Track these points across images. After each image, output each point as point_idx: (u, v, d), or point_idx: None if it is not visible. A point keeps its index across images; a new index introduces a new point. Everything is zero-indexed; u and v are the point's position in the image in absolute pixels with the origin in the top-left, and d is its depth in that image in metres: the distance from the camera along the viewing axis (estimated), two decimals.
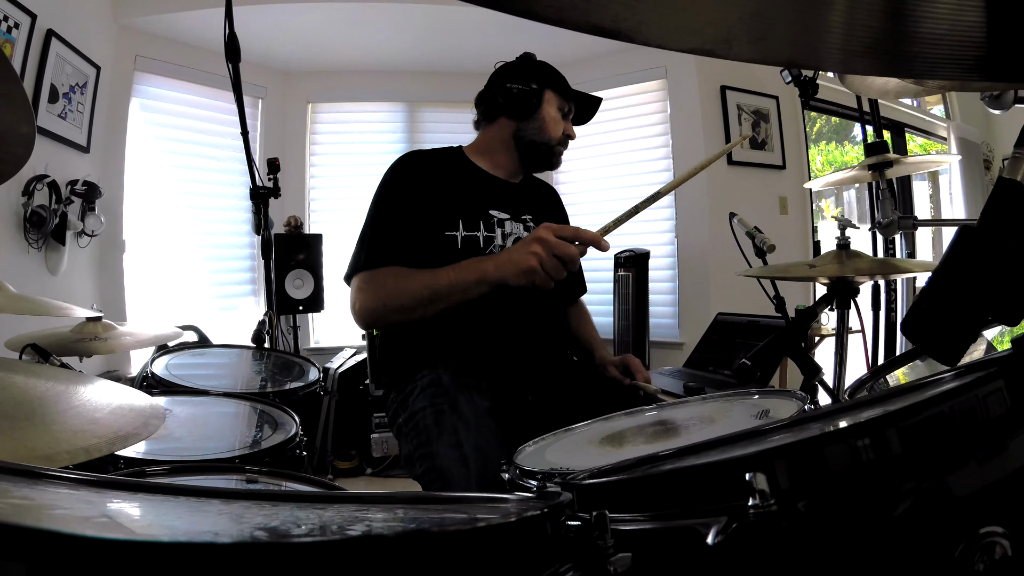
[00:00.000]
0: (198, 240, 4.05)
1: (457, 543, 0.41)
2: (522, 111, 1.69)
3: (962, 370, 0.62)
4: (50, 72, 2.86)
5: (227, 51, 2.19)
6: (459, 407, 1.39)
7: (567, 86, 1.76)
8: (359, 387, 3.65)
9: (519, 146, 1.72)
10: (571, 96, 1.76)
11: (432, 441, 1.39)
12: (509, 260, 1.37)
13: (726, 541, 0.50)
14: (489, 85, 1.76)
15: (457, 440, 1.33)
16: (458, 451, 1.31)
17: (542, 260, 1.32)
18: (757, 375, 1.45)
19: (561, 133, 1.73)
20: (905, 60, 0.59)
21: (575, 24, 0.45)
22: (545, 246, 1.33)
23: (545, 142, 1.72)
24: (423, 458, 1.41)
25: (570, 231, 1.36)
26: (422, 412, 1.45)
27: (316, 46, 4.16)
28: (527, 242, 1.37)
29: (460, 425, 1.35)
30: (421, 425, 1.44)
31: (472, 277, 1.41)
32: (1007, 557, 0.49)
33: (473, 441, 1.30)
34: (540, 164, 1.77)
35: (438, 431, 1.39)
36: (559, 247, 1.33)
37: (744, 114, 4.12)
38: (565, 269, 1.34)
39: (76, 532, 0.33)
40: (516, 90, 1.68)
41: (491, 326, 1.56)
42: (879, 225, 2.01)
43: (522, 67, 1.74)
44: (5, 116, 0.76)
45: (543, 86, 1.71)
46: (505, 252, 1.42)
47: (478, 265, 1.43)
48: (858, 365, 2.40)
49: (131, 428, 0.78)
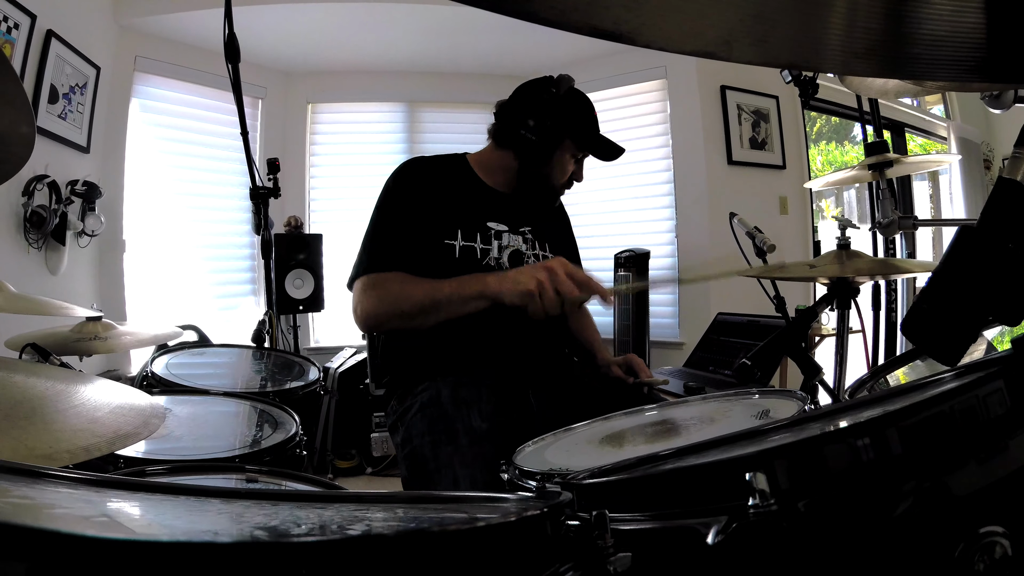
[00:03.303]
0: (198, 240, 4.05)
1: (457, 543, 0.41)
2: (531, 159, 1.63)
3: (962, 370, 0.62)
4: (50, 72, 2.86)
5: (227, 51, 2.19)
6: (457, 438, 1.39)
7: (590, 132, 1.66)
8: (359, 386, 3.65)
9: (521, 180, 1.67)
10: (586, 142, 1.66)
11: (430, 475, 1.40)
12: (512, 278, 1.38)
13: (726, 541, 0.50)
14: (512, 103, 1.67)
15: (453, 476, 1.33)
16: (454, 487, 1.31)
17: (543, 289, 1.32)
18: (757, 375, 1.45)
19: (567, 178, 1.69)
20: (905, 62, 0.59)
21: (576, 26, 0.45)
22: (551, 277, 1.33)
23: (549, 188, 1.69)
24: (420, 489, 1.43)
25: (582, 276, 1.36)
26: (420, 439, 1.46)
27: (316, 46, 4.16)
28: (536, 267, 1.37)
29: (456, 458, 1.35)
30: (419, 454, 1.45)
31: (473, 290, 1.42)
32: (1007, 557, 0.49)
33: (469, 476, 1.31)
34: (538, 202, 1.72)
35: (435, 464, 1.39)
36: (564, 284, 1.32)
37: (744, 114, 4.12)
38: (560, 308, 1.33)
39: (76, 532, 0.33)
40: (529, 138, 1.59)
41: (492, 326, 1.56)
42: (879, 225, 2.01)
43: (544, 104, 1.60)
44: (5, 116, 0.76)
45: (562, 134, 1.61)
46: (512, 271, 1.43)
47: (480, 278, 1.43)
48: (858, 365, 2.41)
49: (131, 427, 0.78)
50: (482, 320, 1.52)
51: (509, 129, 1.64)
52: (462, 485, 1.31)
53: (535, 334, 1.64)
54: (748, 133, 4.13)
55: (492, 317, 1.53)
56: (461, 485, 1.31)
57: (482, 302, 1.42)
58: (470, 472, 1.31)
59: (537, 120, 1.59)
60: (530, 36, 3.74)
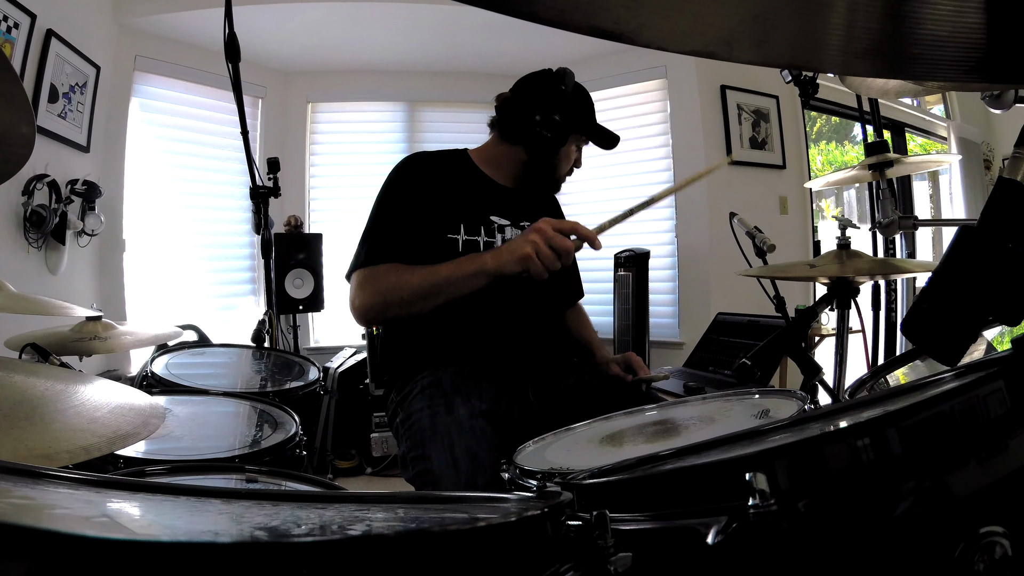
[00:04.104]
0: (198, 240, 4.05)
1: (457, 543, 0.41)
2: (542, 153, 1.69)
3: (962, 370, 0.62)
4: (50, 72, 2.86)
5: (227, 51, 2.19)
6: (455, 409, 1.41)
7: (591, 122, 1.75)
8: (359, 386, 3.65)
9: (527, 171, 1.72)
10: (592, 132, 1.76)
11: (425, 443, 1.40)
12: (506, 249, 1.42)
13: (726, 541, 0.50)
14: (515, 98, 1.71)
15: (449, 442, 1.34)
16: (449, 453, 1.33)
17: (538, 249, 1.37)
18: (757, 375, 1.45)
19: (571, 166, 1.78)
20: (906, 62, 0.59)
21: (576, 26, 0.45)
22: (543, 236, 1.38)
23: (555, 178, 1.77)
24: (416, 460, 1.43)
25: (568, 225, 1.42)
26: (419, 413, 1.47)
27: (316, 46, 4.16)
28: (526, 233, 1.42)
29: (453, 428, 1.37)
30: (416, 427, 1.45)
31: (470, 269, 1.43)
32: (1007, 557, 0.49)
33: (464, 444, 1.32)
34: (543, 190, 1.81)
35: (432, 433, 1.40)
36: (555, 238, 1.38)
37: (744, 114, 4.12)
38: (559, 261, 1.38)
39: (76, 532, 0.33)
40: (542, 134, 1.65)
41: (492, 326, 1.56)
42: (879, 225, 2.01)
43: (554, 99, 1.66)
44: (5, 116, 0.76)
45: (568, 129, 1.68)
46: (503, 244, 1.47)
47: (476, 257, 1.45)
48: (858, 365, 2.40)
49: (131, 427, 0.78)
50: (482, 319, 1.52)
51: (519, 125, 1.68)
52: (456, 451, 1.31)
53: (535, 333, 1.64)
54: (748, 133, 4.13)
55: (493, 317, 1.54)
56: (455, 451, 1.32)
57: (481, 279, 1.43)
58: (466, 442, 1.32)
59: (548, 115, 1.65)
60: (530, 36, 3.74)
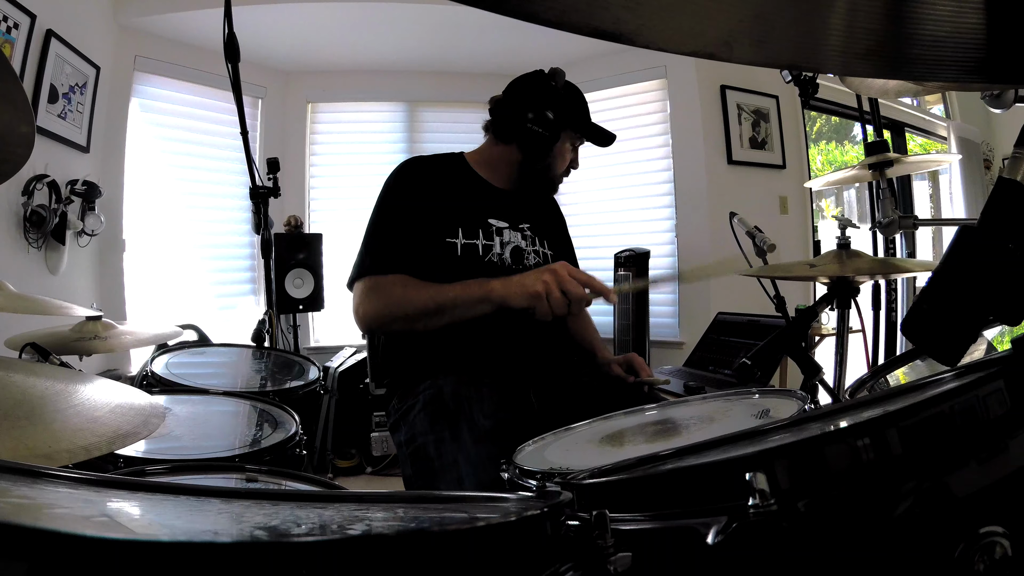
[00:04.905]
0: (198, 240, 4.05)
1: (457, 543, 0.41)
2: (535, 151, 1.68)
3: (962, 370, 0.62)
4: (50, 72, 2.86)
5: (226, 51, 2.19)
6: (460, 435, 1.39)
7: (585, 120, 1.73)
8: (359, 386, 3.64)
9: (522, 172, 1.72)
10: (587, 131, 1.75)
11: (434, 473, 1.40)
12: (517, 282, 1.41)
13: (726, 541, 0.50)
14: (507, 99, 1.71)
15: (458, 476, 1.34)
16: (458, 487, 1.32)
17: (549, 290, 1.35)
18: (757, 375, 1.45)
19: (567, 166, 1.76)
20: (906, 62, 0.59)
21: (576, 27, 0.45)
22: (557, 279, 1.36)
23: (551, 177, 1.76)
24: (426, 489, 1.43)
25: (584, 276, 1.40)
26: (423, 437, 1.46)
27: (316, 46, 4.16)
28: (540, 271, 1.40)
29: (461, 458, 1.36)
30: (422, 453, 1.45)
31: (477, 294, 1.43)
32: (1007, 557, 0.49)
33: (474, 477, 1.31)
34: (540, 191, 1.81)
35: (439, 464, 1.40)
36: (569, 283, 1.36)
37: (744, 114, 4.12)
38: (567, 308, 1.36)
39: (76, 532, 0.33)
40: (534, 130, 1.64)
41: (493, 327, 1.56)
42: (879, 225, 2.01)
43: (545, 96, 1.66)
44: (5, 116, 0.76)
45: (562, 126, 1.67)
46: (517, 275, 1.45)
47: (484, 283, 1.44)
48: (858, 365, 2.41)
49: (131, 427, 0.78)
50: (483, 320, 1.52)
51: (511, 123, 1.68)
52: (467, 484, 1.31)
53: (535, 334, 1.64)
54: (748, 133, 4.13)
55: (493, 317, 1.54)
56: (466, 484, 1.31)
57: (487, 306, 1.43)
58: (475, 471, 1.32)
59: (540, 113, 1.64)
60: (530, 36, 3.74)
